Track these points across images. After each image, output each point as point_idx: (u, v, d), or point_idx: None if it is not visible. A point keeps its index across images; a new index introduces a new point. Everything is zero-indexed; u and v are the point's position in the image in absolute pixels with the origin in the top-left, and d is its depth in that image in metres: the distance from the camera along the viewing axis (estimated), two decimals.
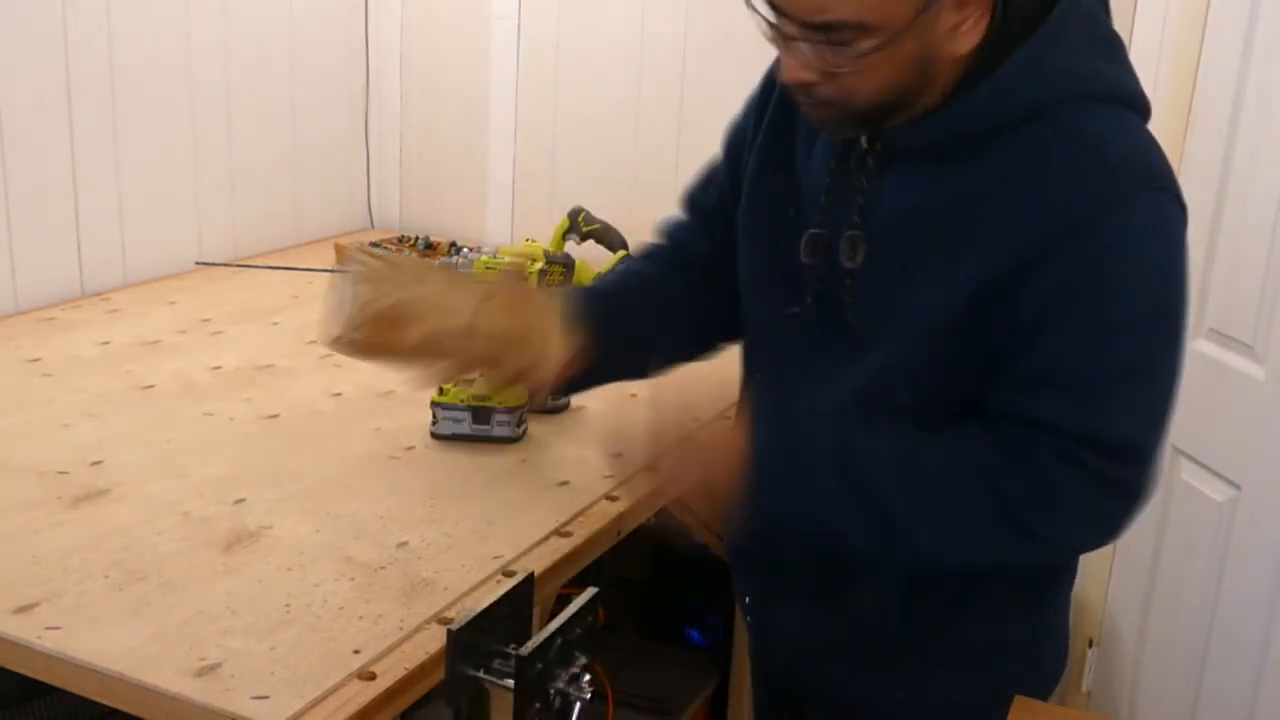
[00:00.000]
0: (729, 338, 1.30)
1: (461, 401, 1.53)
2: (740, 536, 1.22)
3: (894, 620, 1.16)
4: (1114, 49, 1.08)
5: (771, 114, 1.19)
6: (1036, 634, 1.22)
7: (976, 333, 1.03)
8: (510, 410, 1.54)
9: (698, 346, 1.32)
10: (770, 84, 1.21)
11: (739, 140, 1.26)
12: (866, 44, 0.98)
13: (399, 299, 1.10)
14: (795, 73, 1.03)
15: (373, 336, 1.11)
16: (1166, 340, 1.02)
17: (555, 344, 1.16)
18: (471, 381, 1.56)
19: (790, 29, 1.00)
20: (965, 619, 1.17)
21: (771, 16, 1.01)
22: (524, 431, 1.57)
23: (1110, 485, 1.01)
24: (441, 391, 1.54)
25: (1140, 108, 1.07)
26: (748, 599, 1.33)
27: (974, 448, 1.03)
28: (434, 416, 1.55)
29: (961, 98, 1.03)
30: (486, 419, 1.54)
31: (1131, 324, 1.00)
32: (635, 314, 1.27)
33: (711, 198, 1.30)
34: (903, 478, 1.03)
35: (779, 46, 1.04)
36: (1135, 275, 0.99)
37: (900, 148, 1.08)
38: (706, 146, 1.35)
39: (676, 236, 1.34)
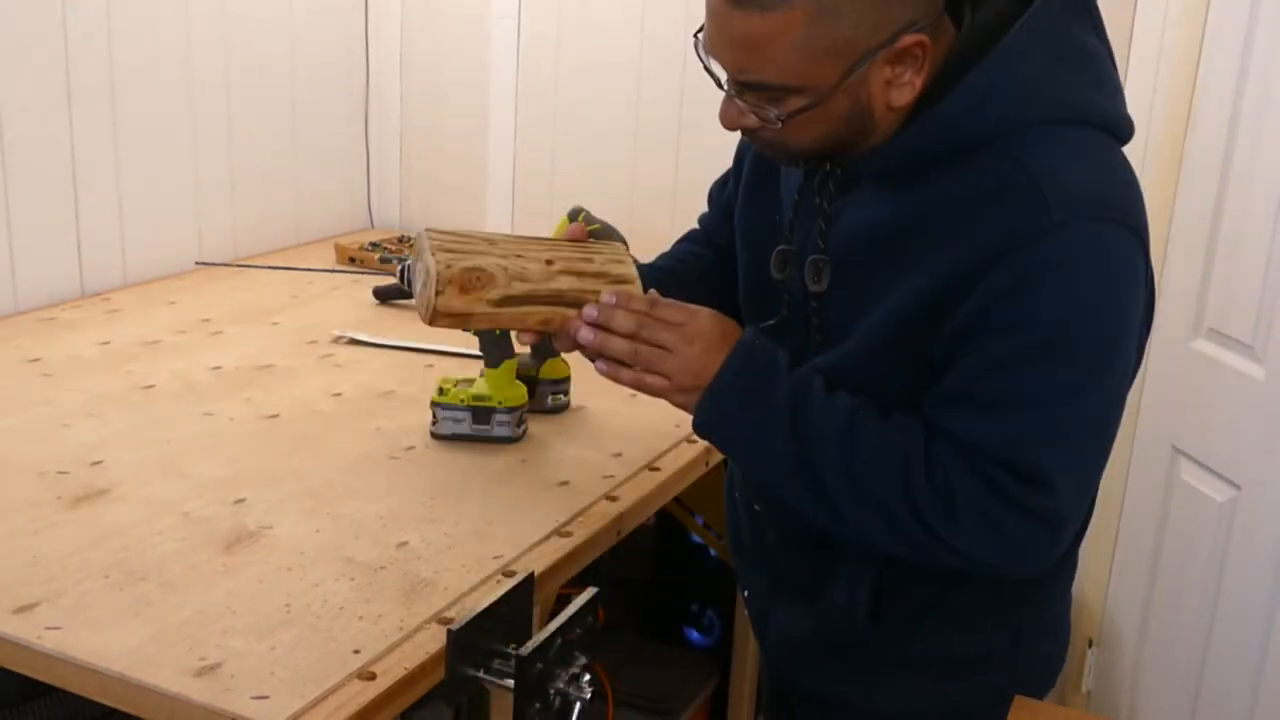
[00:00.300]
0: None
1: (461, 401, 1.53)
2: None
3: (864, 619, 1.17)
4: (1085, 64, 1.05)
5: None
6: (1020, 643, 1.21)
7: (919, 349, 1.04)
8: (510, 410, 1.54)
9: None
10: None
11: (742, 145, 1.28)
12: (794, 103, 1.01)
13: (474, 262, 1.12)
14: (728, 120, 1.07)
15: (457, 302, 1.12)
16: (1089, 371, 1.00)
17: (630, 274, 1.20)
18: (471, 381, 1.56)
19: (725, 81, 1.04)
20: (941, 625, 1.18)
21: (711, 65, 1.05)
22: (524, 431, 1.57)
23: (1015, 506, 1.01)
24: (441, 391, 1.55)
25: (1111, 126, 1.05)
26: (747, 593, 1.35)
27: (910, 430, 1.04)
28: (434, 416, 1.55)
29: (909, 126, 1.04)
30: (486, 419, 1.54)
31: (1047, 351, 0.99)
32: (693, 282, 1.31)
33: (726, 194, 1.36)
34: (839, 437, 1.05)
35: (724, 103, 1.07)
36: (1057, 304, 0.98)
37: (855, 173, 1.11)
38: (706, 146, 1.36)
39: (705, 225, 1.41)
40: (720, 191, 1.38)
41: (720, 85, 1.05)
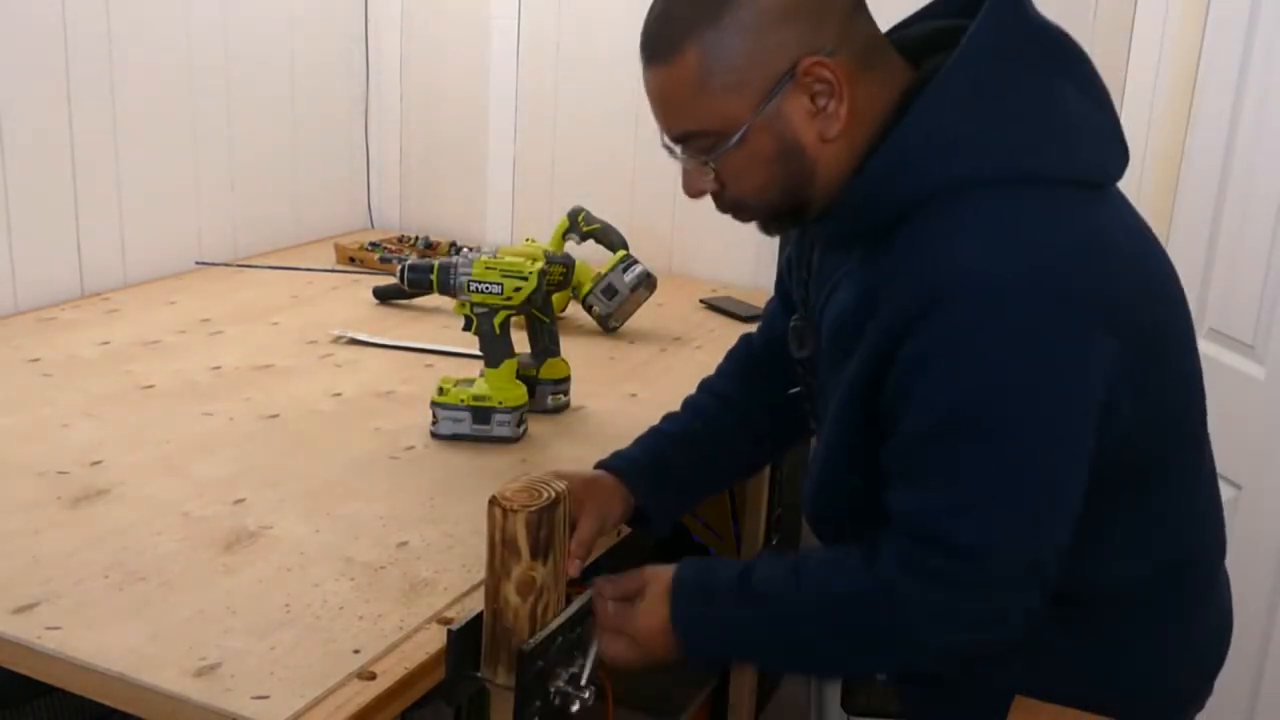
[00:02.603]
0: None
1: (461, 401, 1.53)
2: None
3: None
4: (1028, 113, 1.02)
5: None
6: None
7: (870, 419, 1.06)
8: (510, 410, 1.54)
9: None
10: None
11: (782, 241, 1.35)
12: (721, 147, 1.05)
13: None
14: (690, 188, 1.11)
15: None
16: (1008, 441, 0.98)
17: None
18: (471, 381, 1.56)
19: (670, 147, 1.09)
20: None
21: (663, 138, 1.10)
22: (524, 431, 1.57)
23: (950, 582, 1.00)
24: (441, 391, 1.55)
25: (1067, 177, 1.02)
26: None
27: (844, 558, 1.06)
28: (434, 416, 1.55)
29: (844, 194, 1.06)
30: (486, 419, 1.54)
31: (953, 426, 0.99)
32: (708, 446, 1.35)
33: (782, 286, 1.38)
34: (795, 595, 1.06)
35: (683, 173, 1.12)
36: (956, 383, 0.98)
37: (822, 241, 1.14)
38: None
39: (757, 338, 1.41)
40: (780, 287, 1.38)
41: (672, 154, 1.10)
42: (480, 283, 1.53)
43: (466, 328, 1.56)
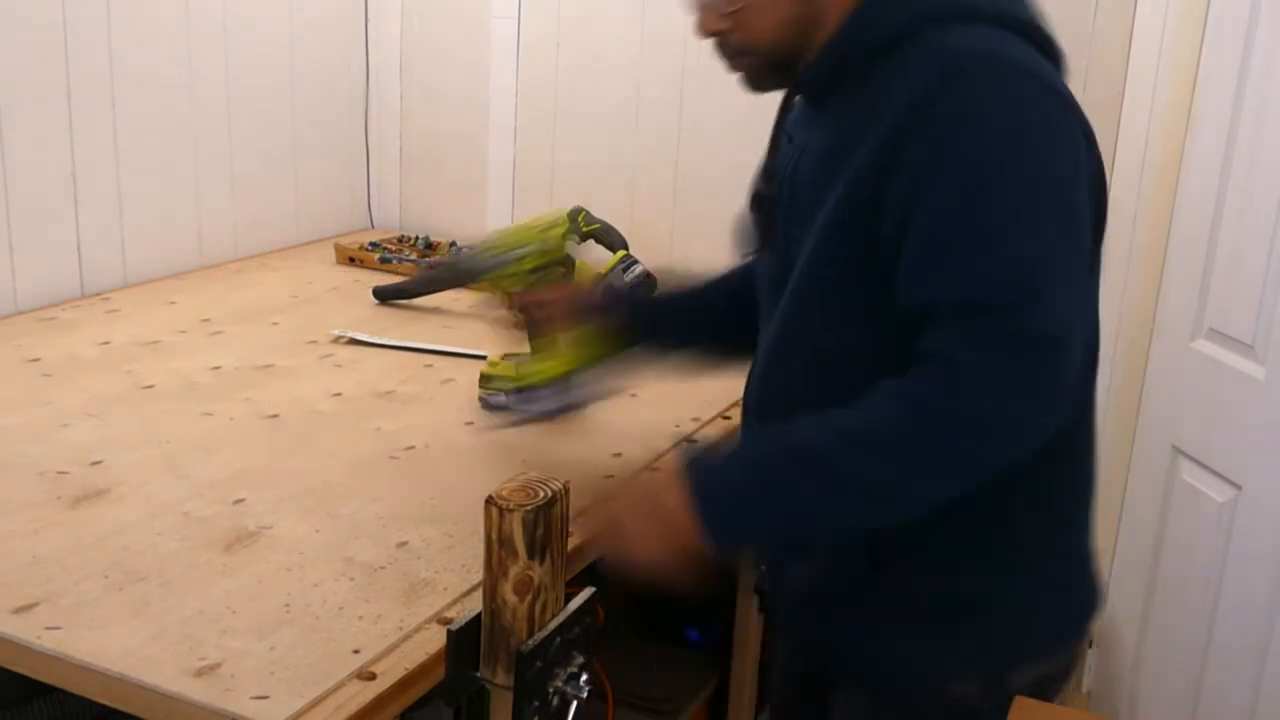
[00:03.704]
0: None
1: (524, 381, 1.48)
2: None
3: (862, 562, 1.15)
4: None
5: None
6: (1022, 586, 1.16)
7: (859, 235, 1.05)
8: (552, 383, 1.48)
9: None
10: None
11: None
12: None
13: None
14: (705, 24, 1.15)
15: None
16: (1033, 201, 0.99)
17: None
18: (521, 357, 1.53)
19: None
20: (941, 561, 1.14)
21: None
22: (583, 397, 1.49)
23: (999, 343, 0.97)
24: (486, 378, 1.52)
25: (1019, 28, 1.07)
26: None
27: (877, 389, 1.02)
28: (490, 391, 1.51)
29: (831, 39, 1.10)
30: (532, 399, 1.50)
31: (978, 191, 0.99)
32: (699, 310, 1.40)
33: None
34: (832, 436, 1.02)
35: (692, 7, 1.16)
36: (976, 148, 0.99)
37: (805, 85, 1.16)
38: (706, 146, 1.36)
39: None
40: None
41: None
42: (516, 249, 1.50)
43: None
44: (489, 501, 1.04)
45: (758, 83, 1.18)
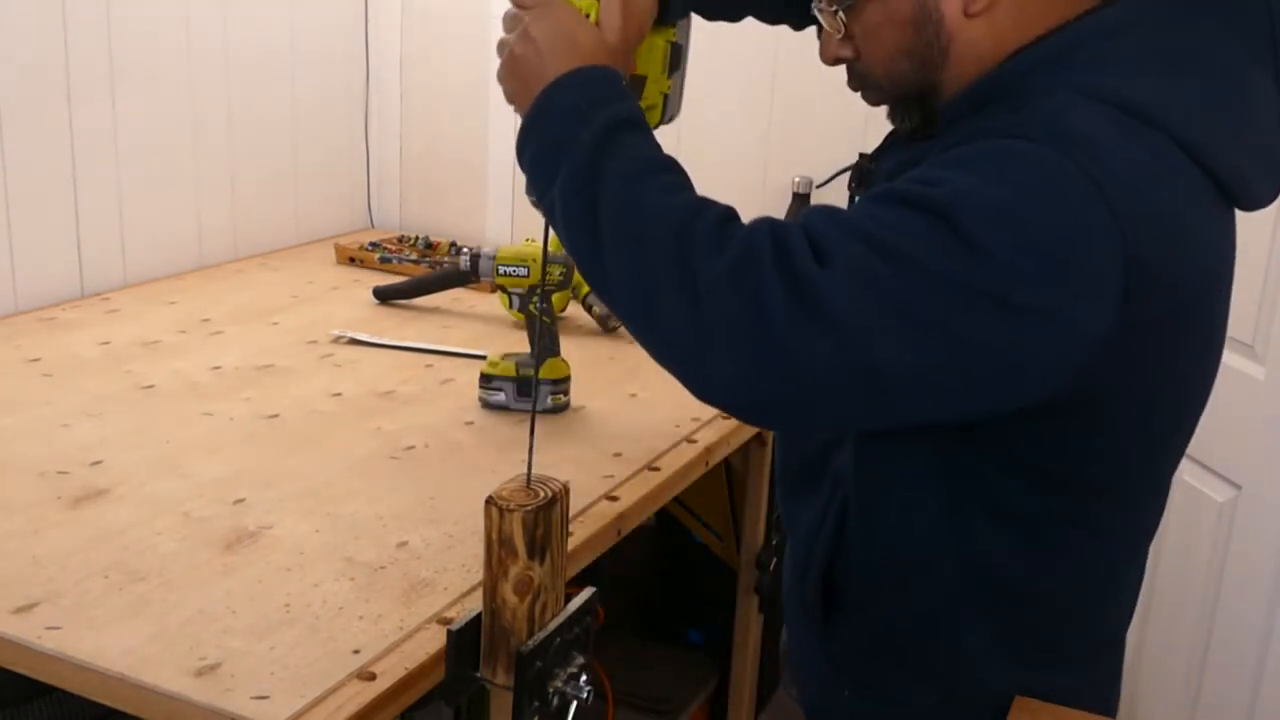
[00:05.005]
0: None
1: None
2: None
3: (820, 628, 1.16)
4: (1175, 65, 0.94)
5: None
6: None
7: None
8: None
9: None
10: None
11: None
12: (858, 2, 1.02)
13: None
14: (827, 52, 1.08)
15: None
16: (958, 266, 0.85)
17: None
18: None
19: (812, 6, 1.06)
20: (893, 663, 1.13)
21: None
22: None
23: (802, 286, 0.86)
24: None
25: (1189, 145, 0.93)
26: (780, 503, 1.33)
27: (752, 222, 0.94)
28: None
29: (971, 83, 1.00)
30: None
31: (930, 216, 0.87)
32: None
33: None
34: (641, 165, 0.98)
35: (820, 37, 1.09)
36: (967, 184, 0.88)
37: (945, 123, 1.05)
38: (706, 146, 1.35)
39: None
40: None
41: (819, 12, 1.06)
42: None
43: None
44: (489, 501, 1.04)
45: (898, 120, 1.09)
